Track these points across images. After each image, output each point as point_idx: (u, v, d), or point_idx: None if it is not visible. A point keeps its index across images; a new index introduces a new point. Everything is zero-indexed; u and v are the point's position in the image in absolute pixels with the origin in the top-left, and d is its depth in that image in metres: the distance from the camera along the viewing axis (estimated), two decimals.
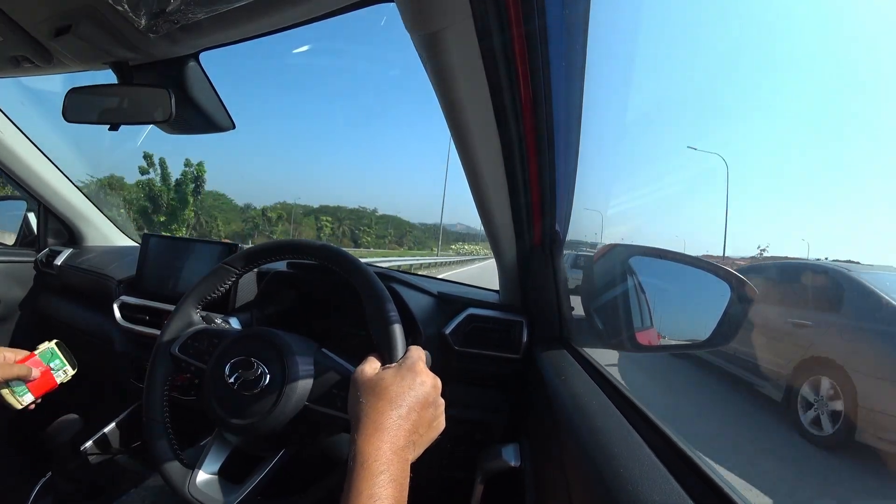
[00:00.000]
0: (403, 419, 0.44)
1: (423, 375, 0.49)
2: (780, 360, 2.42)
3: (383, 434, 0.42)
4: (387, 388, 0.46)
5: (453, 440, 0.87)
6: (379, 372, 0.49)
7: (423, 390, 0.48)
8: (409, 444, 0.44)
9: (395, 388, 0.46)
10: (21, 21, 0.63)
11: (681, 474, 0.39)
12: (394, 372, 0.49)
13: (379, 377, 0.48)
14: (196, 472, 0.58)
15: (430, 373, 0.51)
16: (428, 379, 0.49)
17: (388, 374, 0.48)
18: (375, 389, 0.46)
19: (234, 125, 0.82)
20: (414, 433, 0.45)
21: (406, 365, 0.50)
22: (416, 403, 0.46)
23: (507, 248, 0.87)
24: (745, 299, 0.68)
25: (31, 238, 1.54)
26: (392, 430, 0.43)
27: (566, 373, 0.69)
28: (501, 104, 0.52)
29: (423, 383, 0.48)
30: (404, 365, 0.50)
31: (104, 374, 1.33)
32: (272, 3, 0.55)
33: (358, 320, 0.90)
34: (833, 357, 2.14)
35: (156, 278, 1.19)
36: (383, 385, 0.47)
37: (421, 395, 0.47)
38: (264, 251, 0.68)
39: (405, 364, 0.50)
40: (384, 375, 0.48)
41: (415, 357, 0.51)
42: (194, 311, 0.68)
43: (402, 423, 0.44)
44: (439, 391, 0.51)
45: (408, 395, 0.46)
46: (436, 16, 0.40)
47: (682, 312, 0.87)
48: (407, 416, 0.45)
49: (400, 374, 0.48)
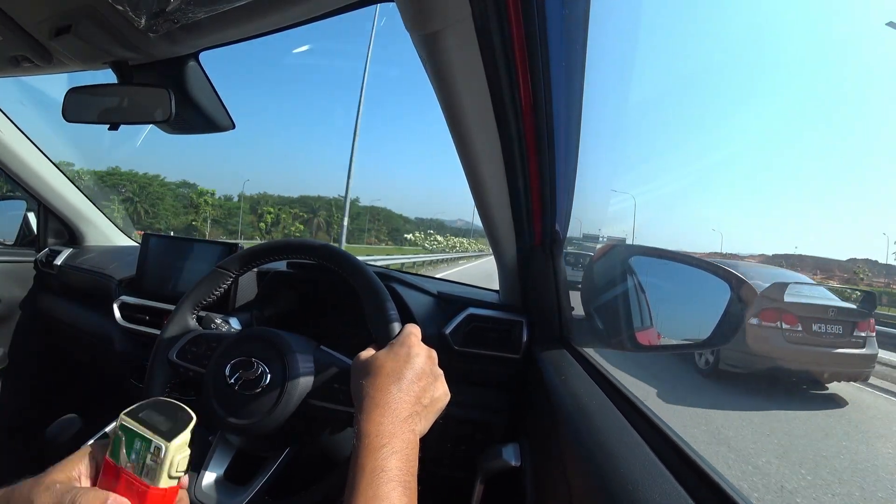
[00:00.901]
0: (403, 392, 0.46)
1: (415, 348, 0.51)
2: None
3: (384, 409, 0.43)
4: (382, 364, 0.48)
5: (453, 440, 0.87)
6: (373, 354, 0.51)
7: (418, 361, 0.49)
8: (414, 415, 0.45)
9: (390, 363, 0.48)
10: (21, 21, 0.63)
11: (681, 474, 0.39)
12: (386, 350, 0.50)
13: (374, 357, 0.50)
14: (201, 475, 0.57)
15: (422, 345, 0.52)
16: (421, 350, 0.51)
17: (382, 353, 0.50)
18: (372, 369, 0.48)
19: (233, 125, 0.82)
20: (416, 404, 0.46)
21: (398, 341, 0.51)
22: (414, 375, 0.47)
23: (507, 248, 0.87)
24: (744, 298, 0.68)
25: (31, 238, 1.54)
26: (392, 403, 0.44)
27: (566, 373, 0.69)
28: (501, 104, 0.52)
29: (418, 355, 0.50)
30: (396, 342, 0.51)
31: (104, 374, 1.34)
32: (272, 3, 0.55)
33: (357, 320, 0.90)
34: None
35: (156, 278, 1.19)
36: (378, 363, 0.48)
37: (417, 366, 0.48)
38: (261, 252, 0.68)
39: (398, 341, 0.52)
40: (378, 355, 0.50)
41: (406, 332, 0.53)
42: (190, 317, 0.67)
43: (403, 395, 0.45)
44: (435, 361, 0.52)
45: (404, 368, 0.48)
46: (436, 16, 0.40)
47: (681, 312, 0.87)
48: (407, 389, 0.46)
49: (393, 350, 0.50)
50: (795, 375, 3.39)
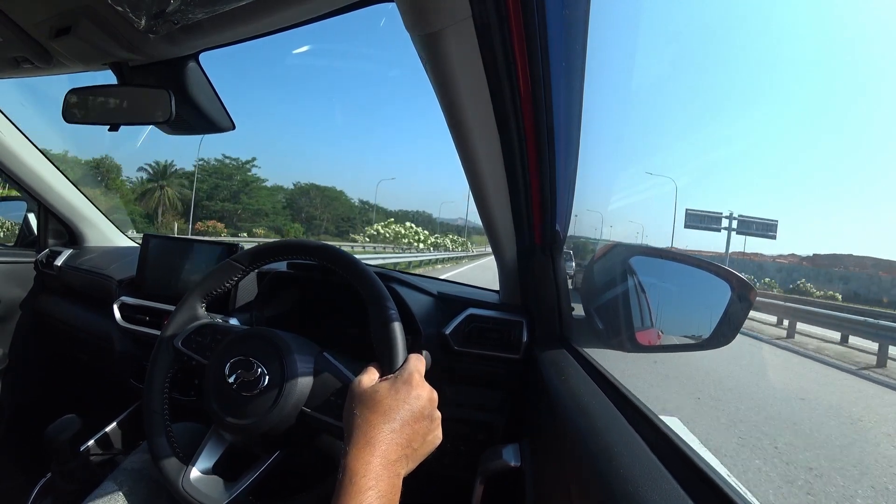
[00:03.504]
0: (396, 433, 0.44)
1: (418, 388, 0.49)
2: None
3: (374, 448, 0.42)
4: (380, 400, 0.46)
5: (453, 440, 0.87)
6: (375, 384, 0.49)
7: (418, 404, 0.47)
8: (402, 458, 0.44)
9: (388, 400, 0.46)
10: (21, 22, 0.63)
11: (681, 474, 0.39)
12: (389, 384, 0.48)
13: (374, 389, 0.48)
14: (190, 468, 0.58)
15: (426, 385, 0.50)
16: (423, 392, 0.49)
17: (384, 386, 0.48)
18: (369, 402, 0.46)
19: (233, 125, 0.82)
20: (407, 447, 0.45)
21: (402, 377, 0.49)
22: (410, 417, 0.46)
23: (507, 248, 0.87)
24: (745, 299, 0.68)
25: (31, 238, 1.54)
26: (383, 444, 0.43)
27: (566, 373, 0.69)
28: (501, 104, 0.52)
29: (419, 397, 0.48)
30: (400, 377, 0.49)
31: (104, 374, 1.34)
32: (272, 3, 0.55)
33: (358, 320, 0.90)
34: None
35: (156, 279, 1.19)
36: (377, 398, 0.46)
37: (416, 408, 0.47)
38: (269, 251, 0.68)
39: (401, 376, 0.49)
40: (379, 388, 0.48)
41: (411, 368, 0.51)
42: (199, 305, 0.68)
43: (395, 437, 0.44)
44: (435, 404, 0.50)
45: (402, 408, 0.46)
46: (436, 16, 0.40)
47: (682, 312, 0.87)
48: (400, 430, 0.45)
49: (395, 386, 0.48)
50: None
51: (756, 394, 4.04)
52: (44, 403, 1.47)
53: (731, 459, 2.46)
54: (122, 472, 0.68)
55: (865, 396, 4.59)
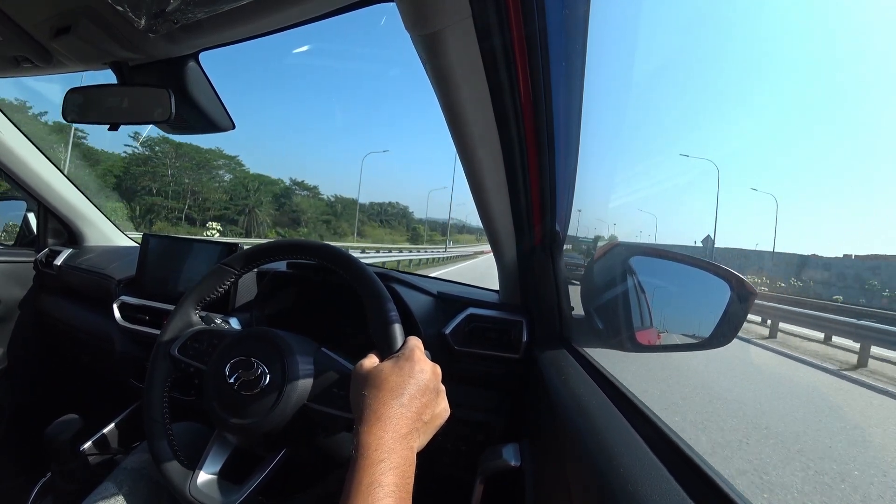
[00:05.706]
0: (405, 407, 0.45)
1: (421, 363, 0.50)
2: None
3: (385, 423, 0.43)
4: (386, 378, 0.47)
5: (453, 440, 0.87)
6: (378, 364, 0.50)
7: (422, 377, 0.48)
8: (413, 431, 0.45)
9: (394, 377, 0.47)
10: (21, 21, 0.63)
11: (681, 474, 0.39)
12: (392, 363, 0.49)
13: (378, 369, 0.49)
14: (197, 472, 0.58)
15: (428, 360, 0.51)
16: (426, 366, 0.50)
17: (387, 365, 0.49)
18: (376, 381, 0.47)
19: (233, 125, 0.82)
20: (417, 420, 0.46)
21: (404, 355, 0.51)
22: (417, 391, 0.47)
23: (507, 248, 0.87)
24: (744, 298, 0.68)
25: (31, 238, 1.54)
26: (394, 418, 0.44)
27: (566, 373, 0.69)
28: (501, 104, 0.52)
29: (423, 370, 0.49)
30: (402, 355, 0.51)
31: (104, 374, 1.34)
32: (272, 3, 0.55)
33: (358, 320, 0.90)
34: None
35: (156, 278, 1.19)
36: (382, 376, 0.47)
37: (421, 382, 0.48)
38: (264, 251, 0.68)
39: (403, 354, 0.51)
40: (383, 367, 0.49)
41: (412, 346, 0.52)
42: (193, 312, 0.68)
43: (404, 411, 0.45)
44: (439, 377, 0.51)
45: (408, 383, 0.47)
46: (436, 16, 0.40)
47: (682, 312, 0.87)
48: (409, 404, 0.45)
49: (398, 364, 0.49)
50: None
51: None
52: (44, 403, 1.47)
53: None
54: (123, 472, 0.68)
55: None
